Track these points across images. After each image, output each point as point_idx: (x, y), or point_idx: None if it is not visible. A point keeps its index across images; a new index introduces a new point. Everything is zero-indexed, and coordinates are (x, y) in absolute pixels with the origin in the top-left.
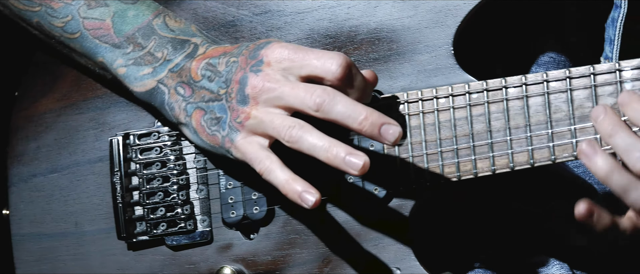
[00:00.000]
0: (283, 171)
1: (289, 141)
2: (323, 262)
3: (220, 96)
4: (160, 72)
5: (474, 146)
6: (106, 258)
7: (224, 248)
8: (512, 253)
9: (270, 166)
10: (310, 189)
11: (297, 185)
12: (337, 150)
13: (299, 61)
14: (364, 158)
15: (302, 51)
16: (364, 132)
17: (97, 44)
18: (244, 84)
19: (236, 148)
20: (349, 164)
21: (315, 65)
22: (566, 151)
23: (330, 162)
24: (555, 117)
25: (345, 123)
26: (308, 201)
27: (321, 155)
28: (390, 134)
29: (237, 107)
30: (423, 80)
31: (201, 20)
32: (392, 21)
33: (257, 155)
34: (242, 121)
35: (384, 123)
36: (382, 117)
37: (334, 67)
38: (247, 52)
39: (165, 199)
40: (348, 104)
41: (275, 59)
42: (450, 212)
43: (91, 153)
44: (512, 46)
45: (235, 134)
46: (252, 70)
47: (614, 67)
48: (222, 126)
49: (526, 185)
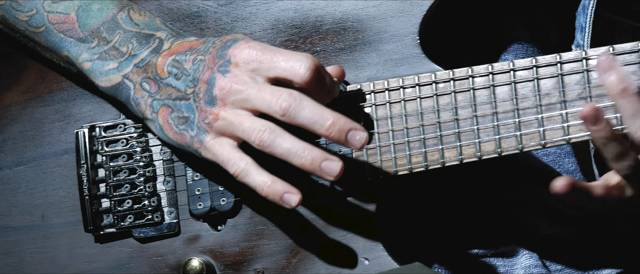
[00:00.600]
0: (259, 172)
1: (259, 145)
2: (291, 253)
3: (188, 95)
4: (126, 67)
5: (441, 136)
6: (73, 250)
7: (191, 240)
8: (481, 243)
9: (245, 168)
10: (291, 189)
11: (277, 186)
12: (312, 156)
13: (267, 63)
14: (339, 163)
15: (270, 52)
16: (331, 137)
17: (62, 38)
18: (212, 85)
19: (206, 149)
20: (325, 170)
21: (283, 68)
22: (533, 140)
23: (306, 167)
24: (522, 106)
25: (312, 128)
26: (291, 202)
27: (295, 160)
28: (357, 139)
29: (205, 108)
30: (389, 70)
31: (166, 11)
32: (358, 11)
33: (230, 157)
34: (211, 122)
35: (351, 129)
36: (349, 122)
37: (302, 70)
38: (214, 51)
39: (132, 191)
40: (315, 109)
41: (243, 60)
42: (418, 202)
43: (57, 145)
44: (479, 35)
45: (204, 135)
46: (219, 70)
47: (581, 56)
48: (191, 125)
49: (494, 175)
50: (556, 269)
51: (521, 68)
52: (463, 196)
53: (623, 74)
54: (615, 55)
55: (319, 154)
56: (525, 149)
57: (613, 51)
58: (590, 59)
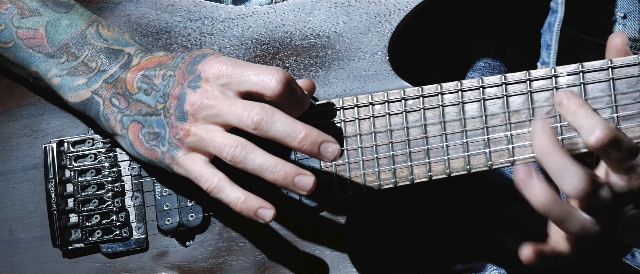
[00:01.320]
0: (233, 188)
1: (232, 161)
2: (260, 269)
3: (158, 111)
4: (95, 82)
5: (410, 152)
6: (41, 265)
7: (159, 255)
8: (449, 259)
9: (218, 184)
10: (265, 204)
11: (251, 202)
12: (285, 171)
13: (238, 77)
14: (312, 178)
15: (240, 67)
16: (303, 150)
17: (31, 53)
18: (183, 100)
19: (178, 165)
20: (298, 184)
21: (254, 82)
22: (503, 157)
23: (278, 183)
24: (491, 123)
25: (284, 141)
26: (265, 217)
27: (268, 176)
28: (330, 152)
29: (176, 123)
30: (358, 86)
31: (134, 26)
32: (327, 27)
33: (202, 173)
34: (182, 138)
35: (324, 141)
36: (321, 135)
37: (273, 83)
38: (184, 66)
39: (100, 207)
40: (287, 123)
41: (214, 75)
42: (387, 218)
43: (25, 160)
44: (447, 52)
45: (175, 151)
46: (190, 86)
47: (550, 73)
48: (162, 141)
49: (462, 191)
50: None
51: (491, 85)
52: (431, 213)
53: (549, 135)
54: (585, 73)
55: (292, 169)
56: (494, 166)
57: (582, 68)
58: (560, 76)
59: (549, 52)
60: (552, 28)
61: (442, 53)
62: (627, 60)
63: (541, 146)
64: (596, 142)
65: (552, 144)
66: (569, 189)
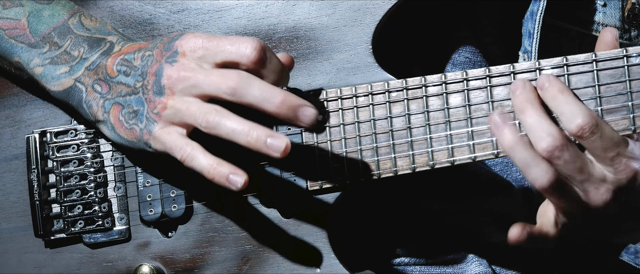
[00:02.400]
0: (206, 156)
1: (206, 127)
2: (242, 260)
3: (137, 89)
4: (77, 70)
5: (394, 144)
6: (23, 255)
7: (141, 246)
8: (431, 250)
9: (191, 152)
10: (237, 171)
11: (223, 168)
12: (257, 133)
13: (213, 49)
14: (285, 140)
15: (216, 39)
16: (280, 115)
17: (13, 44)
18: (160, 75)
19: (155, 139)
20: (271, 146)
21: (229, 51)
22: (486, 149)
23: (251, 146)
24: (475, 116)
25: (261, 107)
26: (237, 183)
27: (241, 139)
28: (307, 116)
29: (154, 98)
30: (342, 78)
31: (118, 18)
32: (311, 20)
33: (176, 143)
34: (159, 112)
35: (301, 105)
36: (298, 99)
37: (248, 50)
38: (162, 45)
39: (82, 197)
40: (263, 88)
41: (190, 49)
42: (369, 210)
43: (7, 151)
44: (429, 46)
45: (152, 125)
46: (167, 61)
47: (534, 66)
48: (140, 118)
49: (444, 183)
50: None
51: (475, 78)
52: (413, 205)
53: (527, 91)
54: (569, 65)
55: (264, 131)
56: (477, 159)
57: (566, 62)
58: (544, 69)
59: (530, 40)
60: (534, 16)
61: (424, 47)
62: (612, 54)
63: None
64: (577, 129)
65: (529, 100)
66: (540, 143)
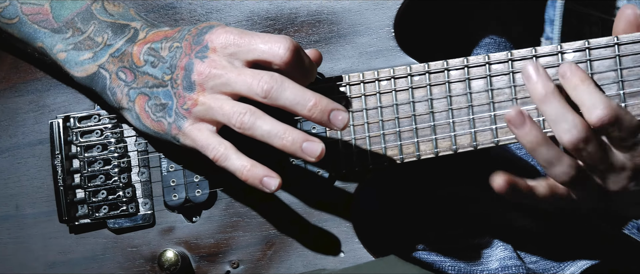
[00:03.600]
0: (239, 156)
1: (240, 128)
2: (266, 245)
3: (165, 82)
4: (101, 56)
5: (417, 129)
6: (48, 241)
7: (166, 231)
8: (455, 235)
9: (224, 152)
10: (271, 173)
11: (257, 170)
12: (293, 137)
13: (245, 46)
14: (321, 145)
15: (247, 36)
16: (313, 118)
17: (36, 29)
18: (190, 71)
19: (185, 135)
20: (306, 151)
21: (262, 50)
22: (509, 133)
23: (286, 149)
24: (497, 99)
25: (293, 110)
26: (270, 186)
27: (276, 142)
28: (340, 120)
29: (184, 93)
30: (364, 62)
31: (140, 2)
32: (333, 3)
33: (209, 142)
34: (190, 108)
35: (333, 109)
36: (331, 103)
37: (282, 51)
38: (191, 37)
39: (106, 182)
40: (297, 90)
41: (221, 45)
42: (393, 194)
43: (31, 136)
44: (452, 29)
45: (182, 121)
46: (197, 56)
47: (556, 50)
48: (169, 112)
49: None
50: (531, 261)
51: (497, 61)
52: (437, 189)
53: (545, 79)
54: (591, 49)
55: (300, 135)
56: (500, 143)
57: (588, 45)
58: (566, 53)
59: (552, 27)
60: (555, 3)
61: (447, 30)
62: (634, 37)
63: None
64: (597, 121)
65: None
66: (565, 136)
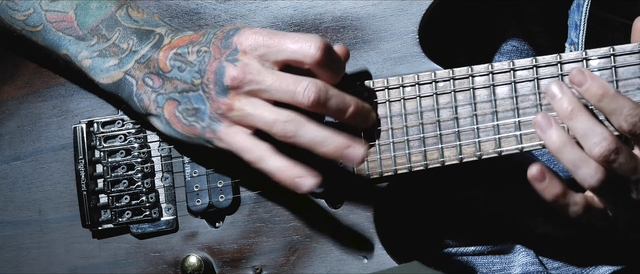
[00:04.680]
0: (277, 157)
1: (283, 136)
2: (289, 250)
3: (196, 87)
4: (127, 63)
5: (441, 135)
6: (70, 245)
7: (189, 236)
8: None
9: (262, 154)
10: (307, 173)
11: (295, 171)
12: (336, 143)
13: (275, 47)
14: (363, 148)
15: (277, 36)
16: (351, 122)
17: (61, 36)
18: (221, 74)
19: (220, 139)
20: (349, 156)
21: (292, 50)
22: (534, 140)
23: (329, 156)
24: (522, 106)
25: (337, 116)
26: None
27: (319, 150)
28: (370, 120)
29: (217, 98)
30: (389, 68)
31: (164, 8)
32: (357, 9)
33: (246, 144)
34: (224, 112)
35: (370, 110)
36: (370, 108)
37: (313, 50)
38: (218, 41)
39: (130, 187)
40: (340, 99)
41: (250, 47)
42: (417, 200)
43: (54, 141)
44: (475, 35)
45: (217, 125)
46: (227, 60)
47: (581, 56)
48: (202, 117)
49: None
50: (553, 267)
51: (521, 68)
52: (460, 195)
53: (570, 96)
54: (616, 56)
55: (343, 141)
56: (525, 149)
57: (613, 52)
58: (591, 60)
59: (577, 32)
60: (581, 8)
61: (471, 36)
62: None
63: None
64: (630, 127)
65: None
66: (595, 149)
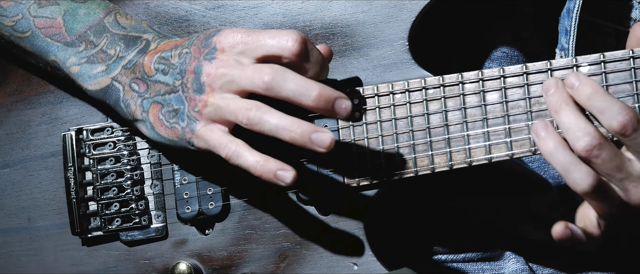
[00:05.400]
0: (252, 153)
1: (247, 124)
2: (279, 257)
3: (176, 88)
4: (114, 69)
5: (431, 142)
6: (60, 253)
7: (179, 244)
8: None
9: (237, 149)
10: (284, 166)
11: (270, 164)
12: (301, 129)
13: (253, 43)
14: (330, 134)
15: (255, 33)
16: (317, 108)
17: (49, 42)
18: (199, 73)
19: (198, 137)
20: (315, 141)
21: (270, 44)
22: (524, 146)
23: (296, 141)
24: (512, 113)
25: (297, 100)
26: (285, 178)
27: (285, 135)
28: (343, 108)
29: (194, 96)
30: (379, 75)
31: (153, 15)
32: (347, 16)
33: (221, 141)
34: (200, 110)
35: (337, 97)
36: (334, 92)
37: (290, 43)
38: (199, 42)
39: (119, 195)
40: (299, 81)
41: (229, 45)
42: (407, 207)
43: (44, 148)
44: (466, 42)
45: (195, 124)
46: (206, 58)
47: (571, 63)
48: (181, 117)
49: (481, 181)
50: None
51: (512, 74)
52: (450, 202)
53: (562, 91)
54: (606, 62)
55: (308, 126)
56: (515, 156)
57: (603, 58)
58: (581, 66)
59: (567, 38)
60: (571, 14)
61: (461, 43)
62: None
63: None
64: (620, 127)
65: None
66: (578, 143)
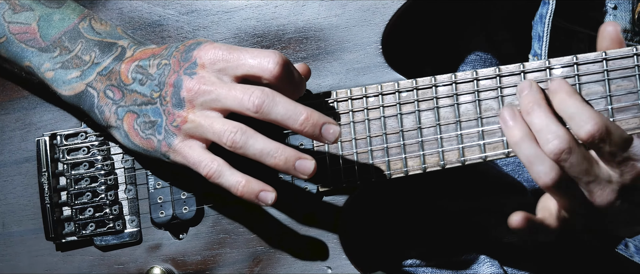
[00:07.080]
0: (233, 173)
1: (231, 146)
2: (253, 261)
3: (154, 100)
4: (89, 75)
5: (404, 145)
6: (34, 258)
7: (153, 248)
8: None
9: (218, 168)
10: (266, 187)
11: (252, 185)
12: (286, 155)
13: (234, 61)
14: (313, 162)
15: (236, 51)
16: (304, 132)
17: (23, 48)
18: (179, 87)
19: (175, 152)
20: (299, 169)
21: (251, 65)
22: (497, 149)
23: (279, 168)
24: (485, 115)
25: (285, 124)
26: (267, 200)
27: (269, 161)
28: (331, 133)
29: (173, 110)
30: (352, 79)
31: (127, 19)
32: (320, 20)
33: (201, 158)
34: (179, 125)
35: (325, 123)
36: (322, 116)
37: (271, 65)
38: (179, 54)
39: (93, 200)
40: (288, 105)
41: (210, 60)
42: (381, 210)
43: (18, 154)
44: (440, 45)
45: (172, 138)
46: (186, 73)
47: (544, 65)
48: (158, 129)
49: (456, 184)
50: None
51: (484, 77)
52: (425, 205)
53: (536, 92)
54: (579, 64)
55: (292, 153)
56: (488, 158)
57: (576, 61)
58: (554, 68)
59: (540, 43)
60: (544, 19)
61: (435, 46)
62: (622, 52)
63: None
64: (587, 136)
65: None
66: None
